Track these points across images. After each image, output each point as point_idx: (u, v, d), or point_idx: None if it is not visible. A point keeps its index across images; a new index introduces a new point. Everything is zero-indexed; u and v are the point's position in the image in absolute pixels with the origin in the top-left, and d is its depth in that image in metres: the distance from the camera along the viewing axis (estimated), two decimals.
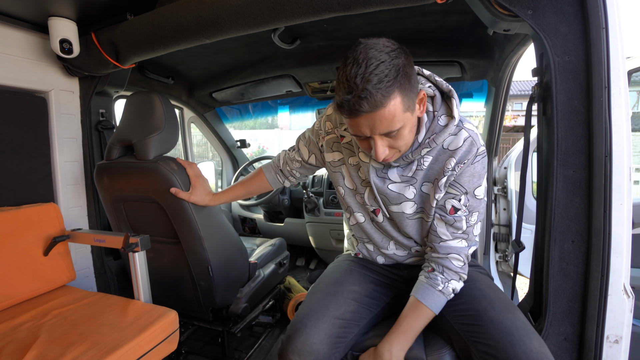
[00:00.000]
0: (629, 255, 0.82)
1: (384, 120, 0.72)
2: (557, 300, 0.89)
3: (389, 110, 0.71)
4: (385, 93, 0.69)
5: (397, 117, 0.73)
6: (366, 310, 0.97)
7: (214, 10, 1.06)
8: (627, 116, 0.79)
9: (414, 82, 0.73)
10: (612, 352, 0.83)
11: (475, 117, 12.29)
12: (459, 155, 0.84)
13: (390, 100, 0.70)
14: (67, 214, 1.50)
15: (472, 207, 0.89)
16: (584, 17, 0.79)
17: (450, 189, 0.89)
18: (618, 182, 0.79)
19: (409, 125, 0.77)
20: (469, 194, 0.88)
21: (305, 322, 0.88)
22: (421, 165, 0.89)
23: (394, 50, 0.70)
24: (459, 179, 0.87)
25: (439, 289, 0.88)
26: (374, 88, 0.68)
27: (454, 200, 0.88)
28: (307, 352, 0.83)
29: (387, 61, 0.68)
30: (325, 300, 0.94)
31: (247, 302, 1.48)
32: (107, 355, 0.89)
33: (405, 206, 0.94)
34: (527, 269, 1.14)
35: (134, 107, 1.30)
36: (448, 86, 0.85)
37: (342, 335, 0.89)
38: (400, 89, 0.70)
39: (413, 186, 0.92)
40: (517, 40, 1.27)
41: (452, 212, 0.89)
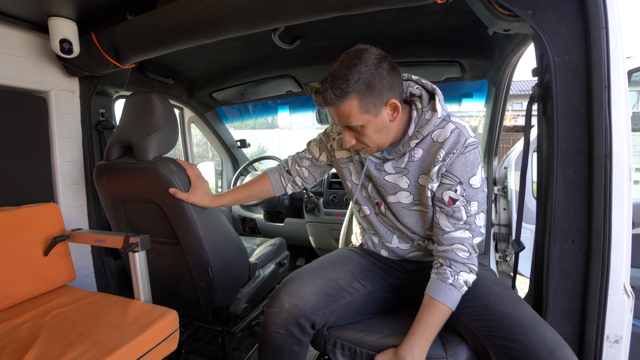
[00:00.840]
0: (629, 255, 0.82)
1: (340, 115, 0.87)
2: (557, 300, 0.89)
3: (343, 108, 0.84)
4: (340, 94, 0.82)
5: (354, 116, 0.85)
6: (361, 285, 1.05)
7: (214, 10, 1.06)
8: (627, 116, 0.79)
9: (380, 92, 0.83)
10: (612, 352, 0.83)
11: (475, 117, 12.29)
12: (447, 146, 0.89)
13: (345, 101, 0.83)
14: (67, 214, 1.50)
15: (470, 197, 0.91)
16: (584, 17, 0.79)
17: (444, 180, 0.92)
18: (618, 182, 0.79)
19: (372, 126, 0.87)
20: (464, 183, 0.90)
21: (302, 274, 1.02)
22: (412, 157, 0.95)
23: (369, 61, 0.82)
24: (451, 169, 0.90)
25: (450, 282, 0.89)
26: (333, 88, 0.82)
27: (450, 191, 0.91)
28: (297, 296, 0.95)
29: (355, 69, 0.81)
30: (324, 264, 1.08)
31: (247, 302, 1.48)
32: (107, 355, 0.89)
33: (400, 196, 1.00)
34: (527, 269, 1.14)
35: (133, 107, 1.30)
36: (432, 86, 0.93)
37: (333, 295, 0.99)
38: (358, 94, 0.82)
39: (406, 177, 0.97)
40: (517, 40, 1.27)
41: (450, 203, 0.92)
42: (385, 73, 0.83)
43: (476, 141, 0.90)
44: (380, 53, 0.85)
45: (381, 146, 0.94)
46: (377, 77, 0.82)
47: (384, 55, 0.85)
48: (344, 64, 0.82)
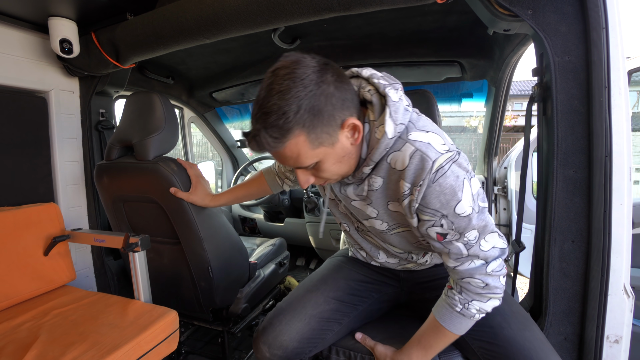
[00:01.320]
0: (629, 255, 0.82)
1: (287, 159, 0.67)
2: (557, 300, 0.89)
3: (289, 149, 0.64)
4: (279, 135, 0.61)
5: (304, 154, 0.65)
6: (349, 307, 0.98)
7: (214, 10, 1.06)
8: (627, 116, 0.79)
9: (329, 115, 0.64)
10: (612, 352, 0.83)
11: (475, 117, 12.29)
12: (409, 177, 0.69)
13: (289, 141, 0.63)
14: (67, 214, 1.50)
15: (462, 228, 0.70)
16: (584, 17, 0.79)
17: (423, 216, 0.72)
18: (618, 182, 0.79)
19: (330, 159, 0.69)
20: (449, 215, 0.69)
21: (281, 318, 0.93)
22: (371, 187, 0.77)
23: (306, 77, 0.60)
24: (426, 204, 0.70)
25: (458, 310, 0.77)
26: (267, 128, 0.61)
27: (434, 227, 0.73)
28: (276, 346, 0.89)
29: (293, 94, 0.59)
30: (305, 297, 0.97)
31: (247, 302, 1.48)
32: (107, 355, 0.89)
33: (373, 222, 0.85)
34: (527, 269, 1.14)
35: (134, 107, 1.30)
36: (384, 89, 0.70)
37: (318, 333, 0.92)
38: (303, 127, 0.62)
39: (371, 206, 0.80)
40: (517, 40, 1.27)
41: (440, 239, 0.74)
42: (331, 88, 0.63)
43: (451, 154, 0.68)
44: (318, 62, 0.64)
45: (346, 175, 0.76)
46: (322, 97, 0.62)
47: (323, 64, 0.64)
48: (273, 90, 0.60)
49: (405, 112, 0.70)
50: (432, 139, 0.70)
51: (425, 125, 0.73)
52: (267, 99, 0.60)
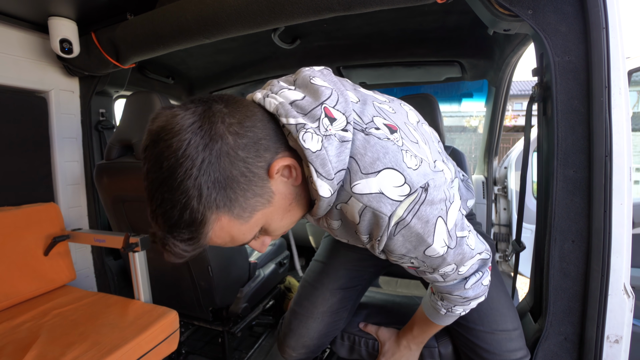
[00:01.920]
0: (629, 255, 0.81)
1: (223, 242, 0.51)
2: (557, 300, 0.89)
3: (216, 238, 0.49)
4: (192, 234, 0.46)
5: (238, 233, 0.50)
6: (352, 292, 1.05)
7: (214, 10, 1.06)
8: (627, 116, 0.79)
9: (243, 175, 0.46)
10: (612, 352, 0.83)
11: (475, 117, 12.28)
12: (365, 232, 0.57)
13: (207, 233, 0.47)
14: (67, 214, 1.50)
15: (435, 265, 0.62)
16: (584, 17, 0.79)
17: (391, 257, 0.63)
18: (618, 182, 0.79)
19: (274, 217, 0.53)
20: (419, 257, 0.60)
21: (297, 323, 1.01)
22: (330, 226, 0.65)
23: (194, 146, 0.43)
24: (392, 250, 0.59)
25: (443, 313, 0.79)
26: (174, 235, 0.46)
27: (405, 263, 0.65)
28: (299, 347, 0.99)
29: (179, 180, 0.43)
30: (313, 295, 1.03)
31: (247, 302, 1.48)
32: (107, 355, 0.89)
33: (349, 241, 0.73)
34: (527, 269, 1.14)
35: (134, 107, 1.30)
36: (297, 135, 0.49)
37: (333, 325, 1.01)
38: (218, 208, 0.46)
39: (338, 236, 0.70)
40: (517, 40, 1.26)
41: (413, 269, 0.68)
42: (230, 140, 0.45)
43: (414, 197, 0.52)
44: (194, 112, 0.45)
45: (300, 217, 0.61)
46: (223, 160, 0.45)
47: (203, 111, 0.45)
48: (155, 182, 0.44)
49: (339, 152, 0.51)
50: (385, 183, 0.51)
51: (375, 160, 0.52)
52: (154, 196, 0.45)
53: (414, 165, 0.53)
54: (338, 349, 1.06)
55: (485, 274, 0.70)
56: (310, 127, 0.50)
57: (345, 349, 1.04)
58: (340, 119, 0.52)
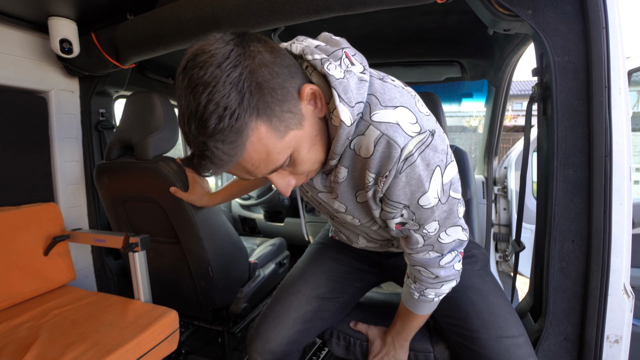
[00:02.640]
0: (629, 255, 0.81)
1: (256, 163, 0.51)
2: (557, 300, 0.89)
3: (253, 150, 0.49)
4: (234, 137, 0.46)
5: (274, 149, 0.51)
6: (331, 302, 1.01)
7: (214, 10, 1.06)
8: (627, 116, 0.79)
9: (282, 85, 0.50)
10: (612, 352, 0.83)
11: (475, 117, 12.28)
12: (374, 167, 0.58)
13: (249, 139, 0.48)
14: (67, 214, 1.50)
15: (422, 220, 0.66)
16: (584, 17, 0.79)
17: (386, 207, 0.65)
18: (618, 182, 0.79)
19: (304, 144, 0.55)
20: (411, 206, 0.63)
21: (266, 326, 0.97)
22: (336, 179, 0.66)
23: (227, 55, 0.46)
24: (389, 196, 0.62)
25: (416, 298, 0.81)
26: (215, 139, 0.46)
27: (395, 219, 0.68)
28: (265, 352, 0.94)
29: (220, 82, 0.44)
30: (288, 300, 0.99)
31: (247, 302, 1.48)
32: (107, 355, 0.89)
33: (344, 217, 0.77)
34: (527, 269, 1.14)
35: (134, 107, 1.30)
36: (322, 66, 0.55)
37: (303, 333, 0.97)
38: (258, 114, 0.47)
39: (338, 200, 0.71)
40: (517, 40, 1.26)
41: (398, 227, 0.70)
42: (266, 56, 0.49)
43: (423, 137, 0.57)
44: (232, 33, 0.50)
45: (323, 160, 0.63)
46: (262, 69, 0.48)
47: (240, 33, 0.50)
48: (197, 88, 0.45)
49: (359, 86, 0.56)
50: (401, 116, 0.56)
51: (393, 98, 0.57)
52: (194, 102, 0.45)
53: (425, 112, 0.60)
54: (334, 349, 1.05)
55: (458, 258, 0.76)
56: (333, 63, 0.56)
57: (342, 349, 1.04)
58: (358, 65, 0.58)
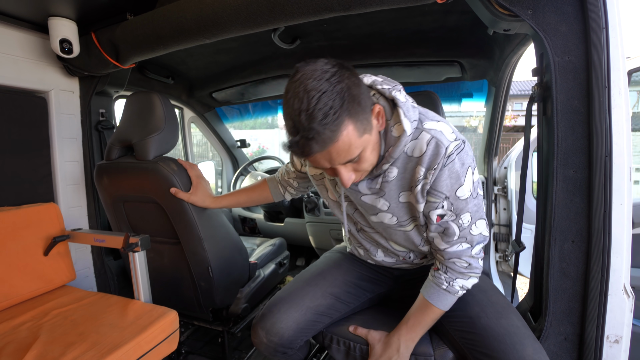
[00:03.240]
0: (629, 255, 0.82)
1: (340, 152, 0.69)
2: (557, 300, 0.89)
3: (342, 142, 0.67)
4: (334, 127, 0.65)
5: (354, 144, 0.69)
6: (343, 305, 1.04)
7: (214, 10, 1.06)
8: (627, 116, 0.79)
9: (364, 102, 0.70)
10: (612, 352, 0.83)
11: (475, 117, 12.28)
12: (426, 162, 0.78)
13: (342, 132, 0.66)
14: (67, 214, 1.50)
15: (459, 209, 0.82)
16: (584, 17, 0.79)
17: (430, 198, 0.82)
18: (618, 182, 0.79)
19: (369, 146, 0.75)
20: (450, 197, 0.80)
21: (280, 307, 0.98)
22: (386, 178, 0.84)
23: (334, 74, 0.65)
24: (435, 187, 0.80)
25: (444, 288, 0.89)
26: (321, 125, 0.63)
27: (437, 209, 0.83)
28: (273, 333, 0.95)
29: (328, 90, 0.63)
30: (304, 290, 1.03)
31: (247, 302, 1.48)
32: (107, 355, 0.89)
33: (382, 217, 0.91)
34: (527, 269, 1.14)
35: (134, 107, 1.30)
36: (391, 93, 0.78)
37: (312, 324, 0.99)
38: (349, 116, 0.66)
39: (383, 199, 0.87)
40: (517, 40, 1.26)
41: (438, 220, 0.84)
42: (355, 79, 0.69)
43: (459, 141, 0.78)
44: (332, 60, 0.69)
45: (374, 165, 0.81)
46: (354, 87, 0.68)
47: (338, 62, 0.69)
48: (311, 93, 0.63)
49: (413, 109, 0.79)
50: (443, 127, 0.80)
51: (435, 116, 0.83)
52: (307, 102, 0.63)
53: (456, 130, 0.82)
54: (334, 353, 1.05)
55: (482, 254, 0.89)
56: (397, 91, 0.78)
57: (342, 354, 1.03)
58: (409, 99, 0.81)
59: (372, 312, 1.11)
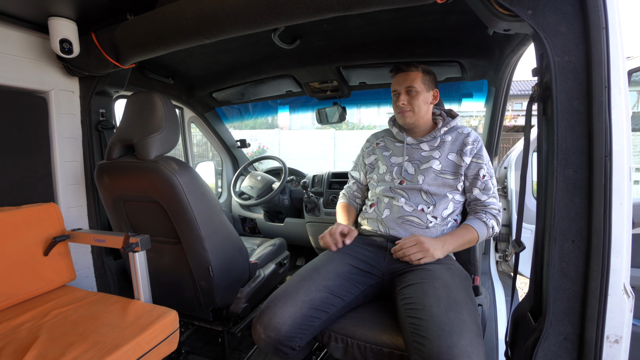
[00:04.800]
0: (629, 255, 0.81)
1: (408, 78, 1.26)
2: (557, 300, 0.89)
3: (414, 74, 1.26)
4: (414, 68, 1.27)
5: (416, 82, 1.25)
6: (338, 299, 1.09)
7: (214, 10, 1.06)
8: (627, 116, 0.79)
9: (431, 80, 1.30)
10: (612, 352, 0.83)
11: (475, 117, 12.28)
12: (471, 138, 1.26)
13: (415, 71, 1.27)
14: (67, 214, 1.50)
15: (490, 174, 1.26)
16: (584, 17, 0.79)
17: (476, 159, 1.25)
18: (618, 182, 0.79)
19: (421, 96, 1.26)
20: (487, 165, 1.25)
21: (276, 302, 1.03)
22: (444, 140, 1.29)
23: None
24: (480, 152, 1.26)
25: (483, 220, 1.21)
26: (408, 63, 1.28)
27: (482, 169, 1.24)
28: (270, 328, 0.99)
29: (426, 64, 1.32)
30: (299, 285, 1.08)
31: (247, 302, 1.48)
32: (107, 355, 0.89)
33: (433, 162, 1.27)
34: (527, 269, 1.15)
35: (135, 107, 1.30)
36: (451, 111, 1.38)
37: (308, 320, 1.02)
38: (423, 72, 1.27)
39: (439, 151, 1.28)
40: (517, 40, 1.27)
41: (483, 178, 1.24)
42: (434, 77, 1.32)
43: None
44: None
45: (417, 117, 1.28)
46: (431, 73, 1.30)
47: None
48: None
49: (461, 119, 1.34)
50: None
51: None
52: None
53: None
54: (333, 351, 1.07)
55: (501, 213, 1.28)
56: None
57: (340, 351, 1.05)
58: None
59: (370, 312, 1.12)
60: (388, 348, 0.99)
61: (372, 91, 2.19)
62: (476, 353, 0.82)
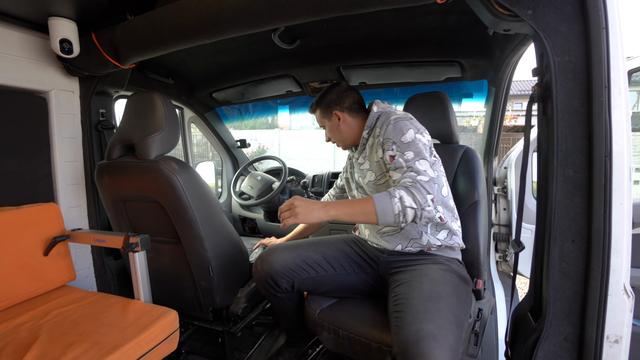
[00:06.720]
0: (629, 255, 0.82)
1: (317, 119, 1.34)
2: (557, 300, 0.89)
3: (317, 115, 1.33)
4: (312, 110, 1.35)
5: (320, 120, 1.33)
6: (329, 265, 1.24)
7: (214, 10, 1.06)
8: (627, 116, 0.79)
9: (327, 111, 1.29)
10: (612, 352, 0.83)
11: (475, 117, 12.28)
12: (379, 123, 1.19)
13: (315, 112, 1.33)
14: (67, 214, 1.50)
15: (403, 149, 1.07)
16: (584, 17, 0.79)
17: (384, 145, 1.14)
18: (618, 182, 0.79)
19: (330, 128, 1.31)
20: (397, 142, 1.09)
21: (274, 249, 1.25)
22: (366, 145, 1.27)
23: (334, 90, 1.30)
24: (386, 136, 1.13)
25: (388, 192, 0.99)
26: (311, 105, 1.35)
27: (389, 150, 1.11)
28: (266, 262, 1.21)
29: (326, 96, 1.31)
30: (302, 242, 1.30)
31: (247, 302, 1.48)
32: (107, 355, 0.89)
33: (369, 175, 1.24)
34: (527, 269, 1.15)
35: (135, 107, 1.30)
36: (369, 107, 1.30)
37: (298, 268, 1.20)
38: (319, 108, 1.31)
39: (368, 160, 1.25)
40: (517, 40, 1.26)
41: (391, 160, 1.10)
42: (327, 102, 1.28)
43: (405, 116, 1.15)
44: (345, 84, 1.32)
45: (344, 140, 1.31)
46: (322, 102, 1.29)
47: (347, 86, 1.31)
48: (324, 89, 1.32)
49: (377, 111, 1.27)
50: (394, 109, 1.27)
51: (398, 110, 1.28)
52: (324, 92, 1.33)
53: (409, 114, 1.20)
54: (325, 342, 1.14)
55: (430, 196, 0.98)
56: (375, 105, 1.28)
57: (332, 342, 1.12)
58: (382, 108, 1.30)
59: (364, 307, 1.18)
60: (376, 343, 1.01)
61: (372, 91, 2.19)
62: (443, 336, 0.82)
